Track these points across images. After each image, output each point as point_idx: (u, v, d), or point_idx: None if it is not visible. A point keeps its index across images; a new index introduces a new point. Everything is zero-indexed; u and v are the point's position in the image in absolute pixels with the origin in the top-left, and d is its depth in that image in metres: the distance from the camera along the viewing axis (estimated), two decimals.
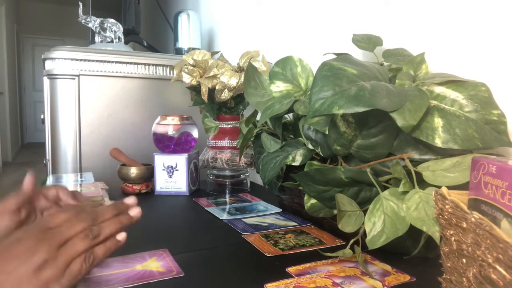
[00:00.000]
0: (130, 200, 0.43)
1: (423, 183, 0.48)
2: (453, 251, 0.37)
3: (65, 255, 0.35)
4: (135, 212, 0.42)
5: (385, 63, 0.66)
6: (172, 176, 0.94)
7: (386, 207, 0.50)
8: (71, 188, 0.82)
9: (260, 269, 0.51)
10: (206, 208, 0.81)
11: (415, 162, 0.51)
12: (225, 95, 0.93)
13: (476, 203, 0.36)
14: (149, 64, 1.24)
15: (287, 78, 0.71)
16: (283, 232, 0.65)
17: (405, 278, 0.47)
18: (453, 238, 0.37)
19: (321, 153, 0.62)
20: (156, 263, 0.51)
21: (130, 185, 0.94)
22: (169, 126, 0.96)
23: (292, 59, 0.72)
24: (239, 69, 0.98)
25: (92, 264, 0.36)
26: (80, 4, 1.32)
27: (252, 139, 0.81)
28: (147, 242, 0.61)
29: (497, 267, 0.30)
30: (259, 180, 1.09)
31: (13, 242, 0.35)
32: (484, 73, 0.57)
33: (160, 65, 1.25)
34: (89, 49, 1.18)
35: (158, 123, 0.97)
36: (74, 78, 1.13)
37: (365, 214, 0.51)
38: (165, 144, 0.96)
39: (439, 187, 0.41)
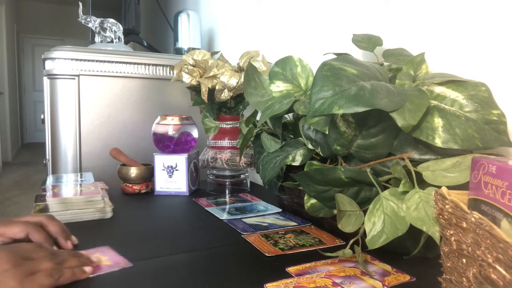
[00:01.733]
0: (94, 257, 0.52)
1: (423, 183, 0.48)
2: (453, 251, 0.37)
3: (29, 265, 0.42)
4: (89, 269, 0.49)
5: (385, 63, 0.66)
6: (172, 176, 0.94)
7: (386, 207, 0.50)
8: (71, 188, 0.82)
9: (260, 269, 0.51)
10: (206, 208, 0.81)
11: (415, 162, 0.51)
12: (225, 95, 0.93)
13: (476, 203, 0.36)
14: (149, 64, 1.23)
15: (287, 78, 0.72)
16: (283, 232, 0.65)
17: (405, 278, 0.47)
18: (453, 238, 0.37)
19: (321, 153, 0.62)
20: (102, 258, 0.53)
21: (130, 185, 0.94)
22: (169, 126, 0.96)
23: (292, 59, 0.72)
24: (239, 69, 0.98)
25: (58, 280, 0.43)
26: (80, 4, 1.32)
27: (252, 139, 0.81)
28: (147, 242, 0.61)
29: (497, 267, 0.30)
30: (259, 180, 1.09)
31: None
32: (484, 73, 0.57)
33: (160, 65, 1.25)
34: (89, 49, 1.18)
35: (158, 123, 0.97)
36: (74, 78, 1.13)
37: (365, 214, 0.51)
38: (165, 144, 0.96)
39: (439, 187, 0.40)
